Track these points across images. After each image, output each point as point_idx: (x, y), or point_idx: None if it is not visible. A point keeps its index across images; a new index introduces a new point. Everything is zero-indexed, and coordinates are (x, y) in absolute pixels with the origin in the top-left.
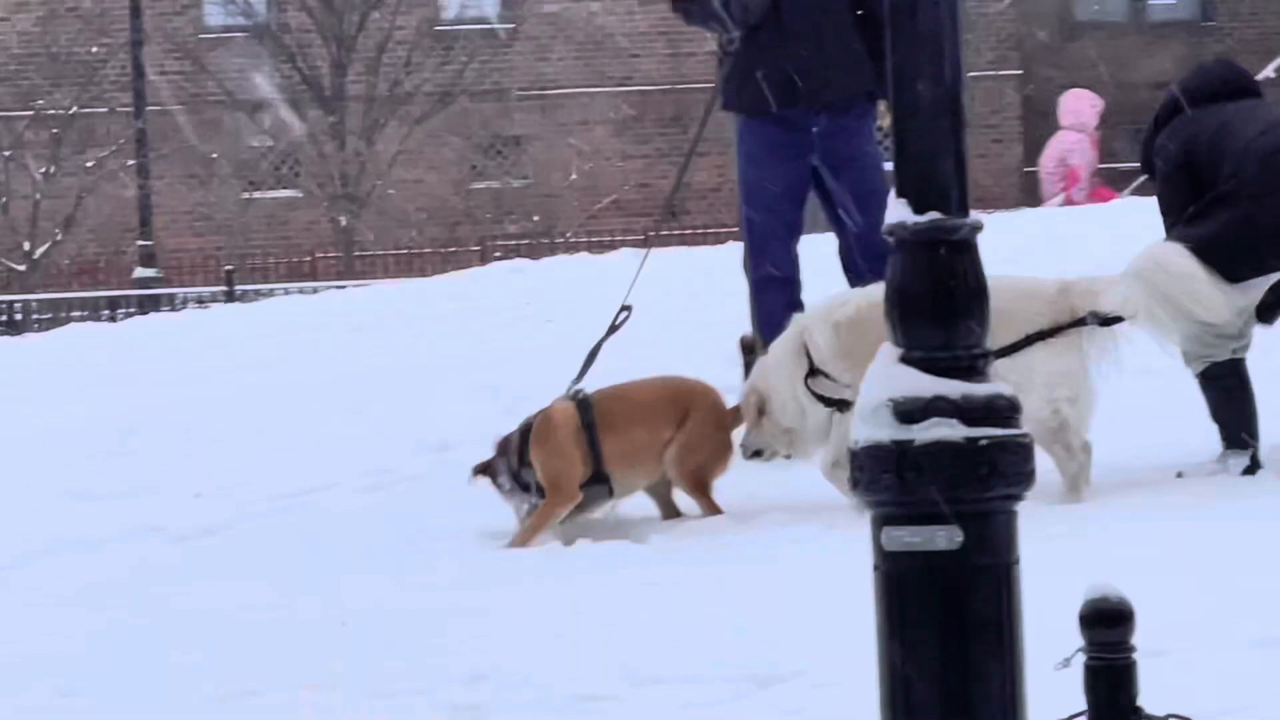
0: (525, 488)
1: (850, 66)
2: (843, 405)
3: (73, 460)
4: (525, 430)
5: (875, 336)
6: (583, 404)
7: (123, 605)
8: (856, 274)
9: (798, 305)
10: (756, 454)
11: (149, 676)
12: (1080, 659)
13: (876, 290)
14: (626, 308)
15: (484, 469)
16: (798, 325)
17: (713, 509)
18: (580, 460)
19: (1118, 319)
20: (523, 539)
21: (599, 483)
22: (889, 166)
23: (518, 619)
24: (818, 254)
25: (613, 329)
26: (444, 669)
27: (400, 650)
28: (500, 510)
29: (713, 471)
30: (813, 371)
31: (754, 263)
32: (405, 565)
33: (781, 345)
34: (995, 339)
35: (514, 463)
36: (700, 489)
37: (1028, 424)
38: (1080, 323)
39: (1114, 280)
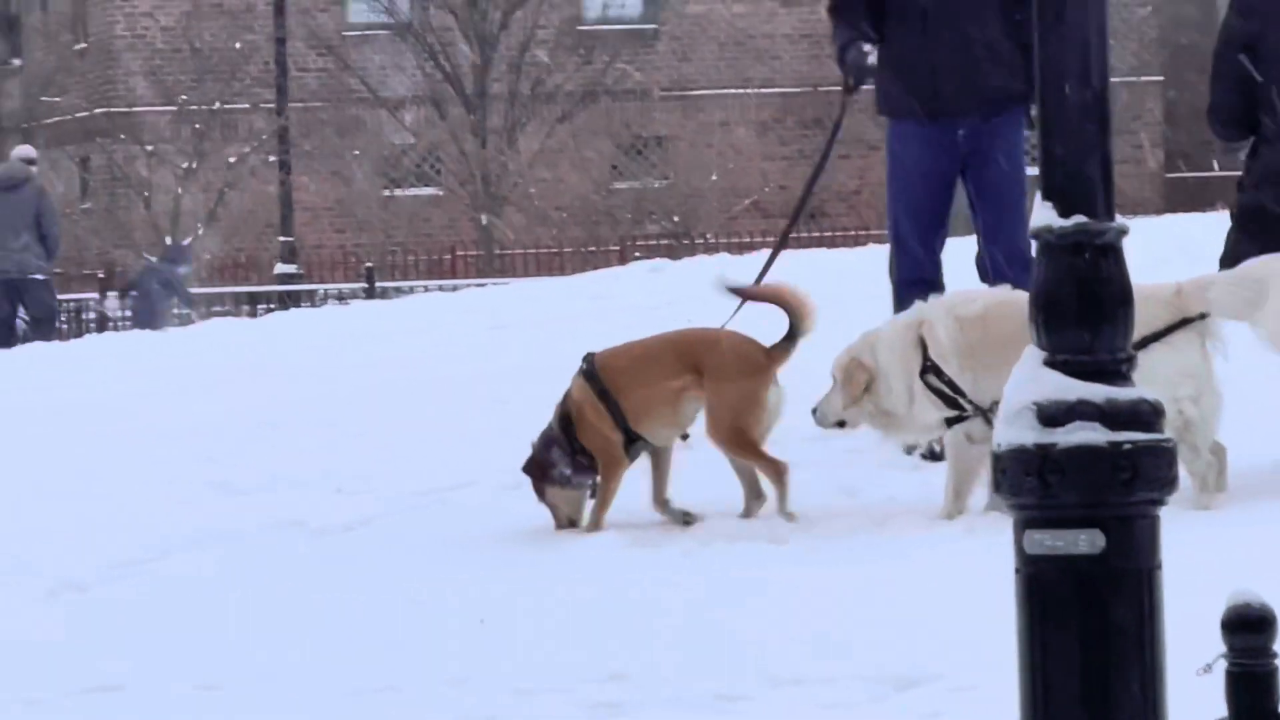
0: (585, 469)
1: (999, 71)
2: (955, 406)
3: (215, 453)
4: (565, 416)
5: (999, 337)
6: (589, 373)
7: (263, 599)
8: (993, 279)
9: None
10: (839, 424)
11: (288, 671)
12: (1221, 665)
13: (1006, 293)
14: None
15: (535, 468)
16: (918, 314)
17: (771, 466)
18: (611, 427)
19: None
20: (595, 521)
21: (635, 441)
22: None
23: (656, 617)
24: (962, 257)
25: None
26: (583, 666)
27: (539, 647)
28: (637, 508)
29: (750, 424)
30: (926, 365)
31: (897, 264)
32: (544, 562)
33: (898, 329)
34: None
35: (567, 449)
36: (746, 447)
37: None
38: (1194, 320)
39: (1224, 279)
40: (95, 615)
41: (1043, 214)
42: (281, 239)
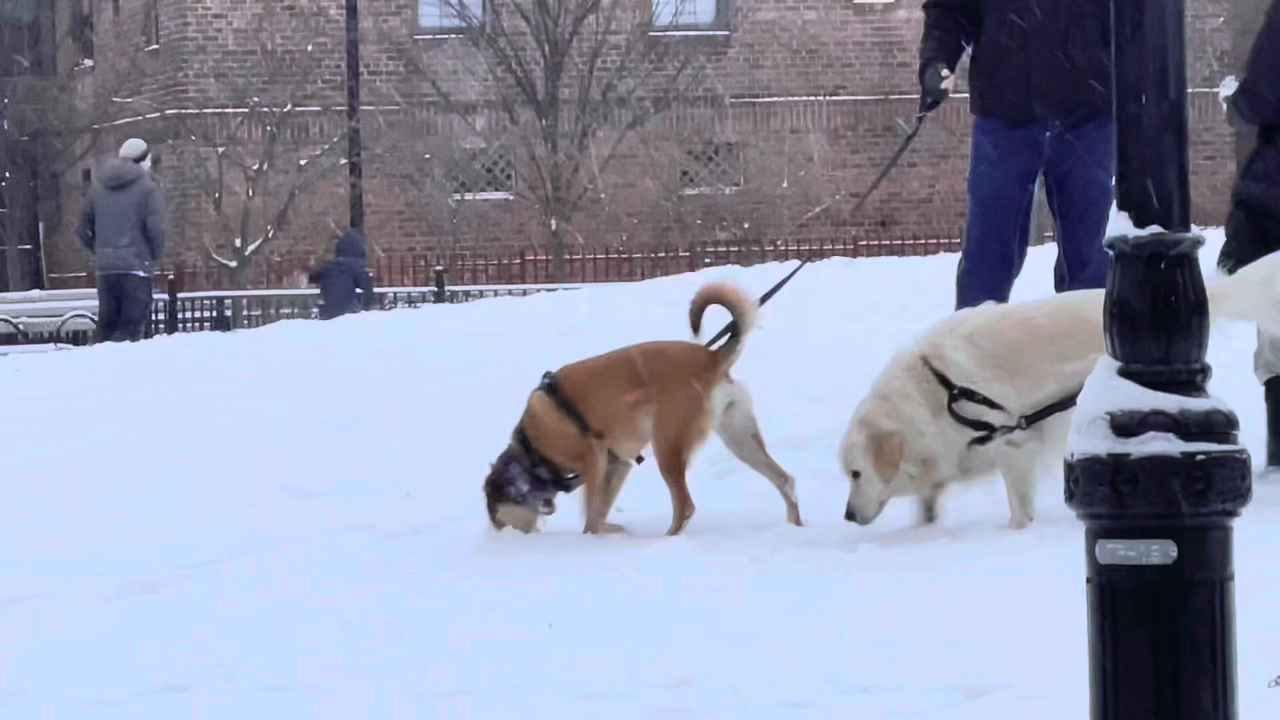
0: (544, 484)
1: (1092, 77)
2: (983, 428)
3: (286, 457)
4: (521, 433)
5: (1012, 339)
6: (550, 387)
7: (330, 603)
8: (1065, 285)
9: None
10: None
11: (354, 674)
12: None
13: (989, 307)
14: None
15: (493, 489)
16: (913, 355)
17: (682, 502)
18: (578, 432)
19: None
20: (591, 522)
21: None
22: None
23: (723, 624)
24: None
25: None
26: (649, 673)
27: (606, 653)
28: (704, 513)
29: (689, 444)
30: (955, 395)
31: (967, 254)
32: (611, 567)
33: (902, 379)
34: None
35: (526, 464)
36: (673, 470)
37: None
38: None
39: (1233, 284)
40: (164, 616)
41: (1118, 224)
42: None
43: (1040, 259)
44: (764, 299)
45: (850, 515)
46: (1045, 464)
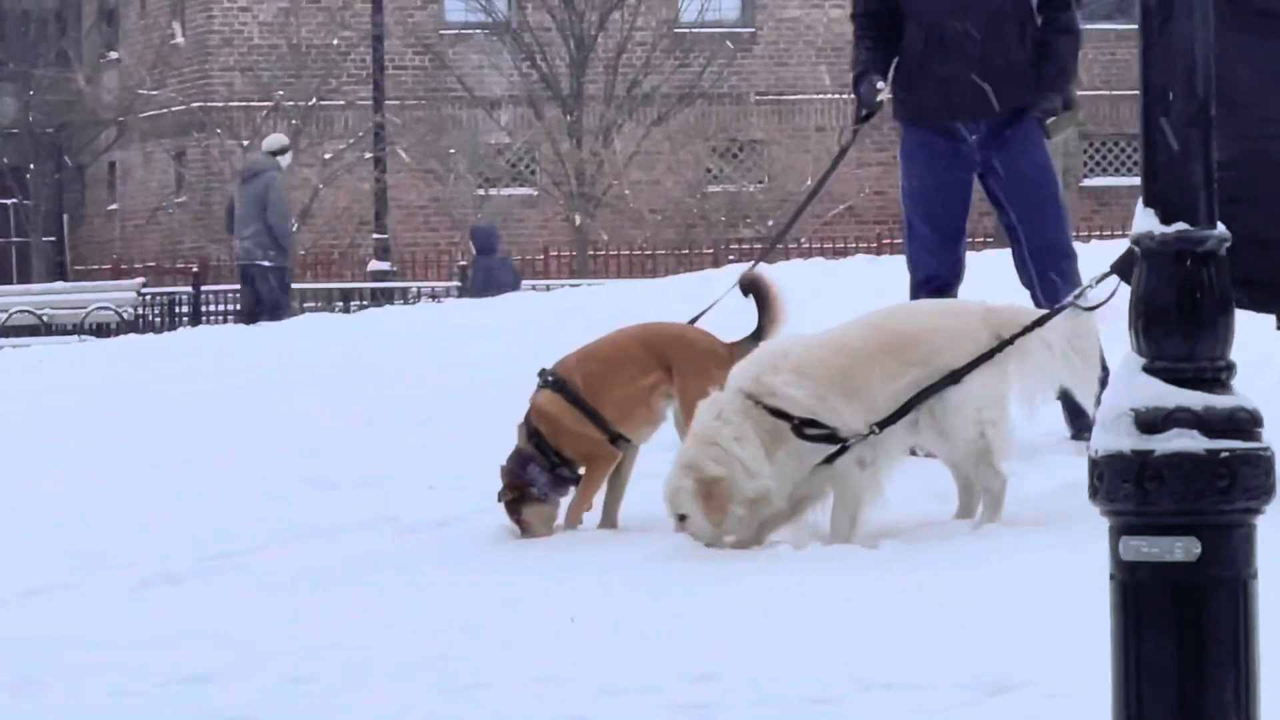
0: (565, 482)
1: (1008, 75)
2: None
3: (310, 449)
4: (535, 432)
5: (840, 366)
6: (558, 384)
7: (354, 595)
8: (1036, 279)
9: None
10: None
11: (379, 666)
12: None
13: (802, 337)
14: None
15: (514, 490)
16: (740, 397)
17: None
18: (594, 429)
19: None
20: (573, 513)
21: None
22: (1103, 181)
23: (746, 619)
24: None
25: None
26: (672, 667)
27: (628, 647)
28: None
29: None
30: (797, 424)
31: (911, 268)
32: (634, 562)
33: (731, 421)
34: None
35: (545, 464)
36: None
37: None
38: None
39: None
40: (188, 607)
41: (1144, 221)
42: (376, 236)
43: (983, 265)
44: (694, 320)
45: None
46: (878, 486)
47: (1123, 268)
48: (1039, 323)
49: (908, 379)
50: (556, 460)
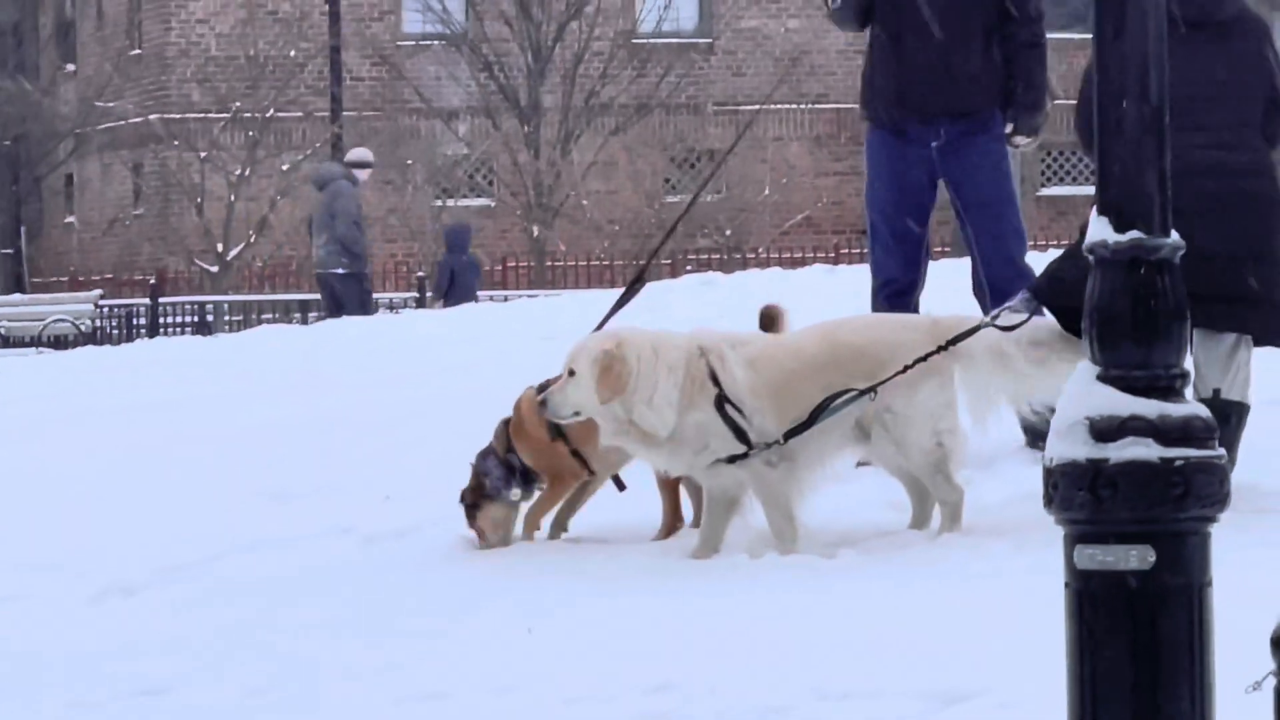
0: (515, 477)
1: (970, 81)
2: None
3: (266, 460)
4: (504, 424)
5: (789, 369)
6: (541, 387)
7: (311, 606)
8: (989, 291)
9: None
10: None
11: (335, 677)
12: (1271, 682)
13: (763, 335)
14: (639, 279)
15: (475, 492)
16: (695, 345)
17: (672, 513)
18: (553, 443)
19: None
20: (530, 521)
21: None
22: (1067, 190)
23: (704, 629)
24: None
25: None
26: (630, 676)
27: (586, 657)
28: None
29: None
30: (721, 397)
31: (873, 271)
32: (592, 572)
33: (677, 349)
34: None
35: (504, 457)
36: (669, 481)
37: None
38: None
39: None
40: (144, 619)
41: (1099, 229)
42: None
43: (945, 272)
44: (606, 317)
45: (541, 402)
46: (799, 485)
47: (1039, 292)
48: (968, 333)
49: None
50: (519, 464)
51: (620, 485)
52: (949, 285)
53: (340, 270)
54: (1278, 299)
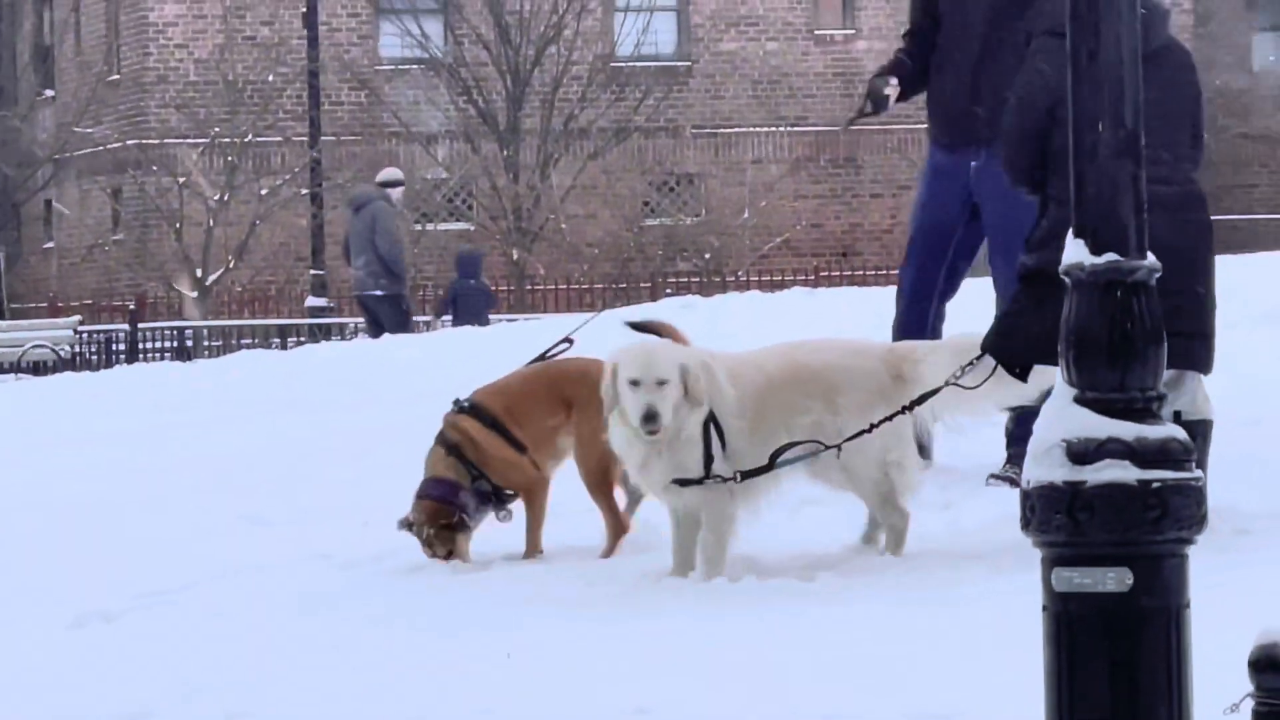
0: (489, 499)
1: (999, 107)
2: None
3: (244, 485)
4: (453, 448)
5: (756, 385)
6: (474, 409)
7: (290, 631)
8: None
9: (931, 325)
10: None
11: (316, 702)
12: (1249, 704)
13: (731, 352)
14: (568, 340)
15: (439, 526)
16: (694, 360)
17: (615, 521)
18: (516, 453)
19: None
20: (531, 545)
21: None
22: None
23: (682, 652)
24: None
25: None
26: (609, 701)
27: (565, 680)
28: (663, 543)
29: (615, 465)
30: (710, 417)
31: (902, 277)
32: (570, 597)
33: (686, 360)
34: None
35: (471, 487)
36: (603, 489)
37: None
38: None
39: (941, 349)
40: (122, 645)
41: (1074, 251)
42: (313, 272)
43: (968, 292)
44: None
45: (647, 418)
46: (747, 512)
47: (991, 348)
48: (928, 396)
49: (808, 417)
50: (477, 473)
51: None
52: (971, 304)
53: (379, 292)
54: (1209, 331)
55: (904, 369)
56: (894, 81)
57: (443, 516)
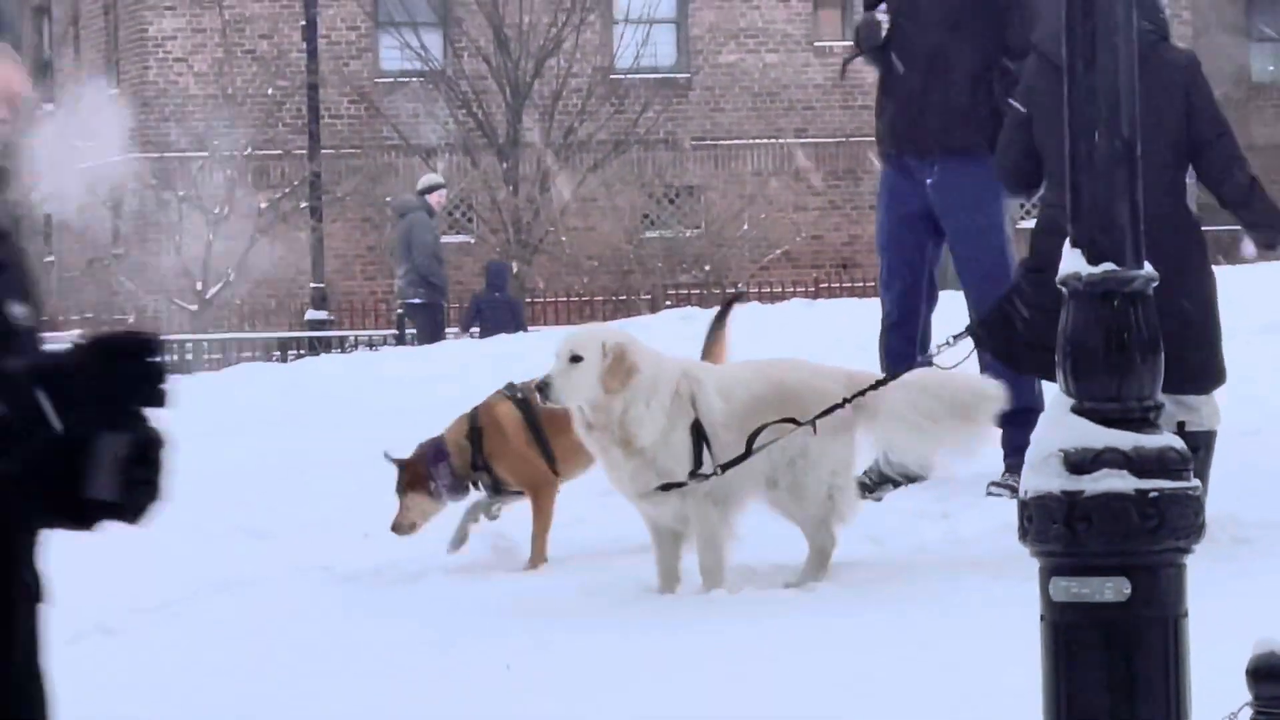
0: (466, 489)
1: (958, 125)
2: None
3: (244, 498)
4: (474, 431)
5: (741, 403)
6: (522, 402)
7: (290, 644)
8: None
9: (916, 347)
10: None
11: (315, 713)
12: (1247, 713)
13: (716, 367)
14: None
15: (411, 481)
16: (680, 371)
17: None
18: (538, 454)
19: None
20: (537, 553)
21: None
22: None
23: (682, 663)
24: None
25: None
26: (609, 711)
27: (565, 692)
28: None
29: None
30: (697, 424)
31: (882, 302)
32: (569, 609)
33: (670, 364)
34: None
35: (457, 465)
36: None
37: None
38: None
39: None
40: (123, 658)
41: (1071, 261)
42: (312, 285)
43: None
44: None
45: (542, 387)
46: (731, 525)
47: (975, 331)
48: (879, 384)
49: (794, 440)
50: (476, 466)
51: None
52: (944, 317)
53: (416, 300)
54: (1188, 353)
55: (866, 397)
56: (880, 14)
57: (418, 472)
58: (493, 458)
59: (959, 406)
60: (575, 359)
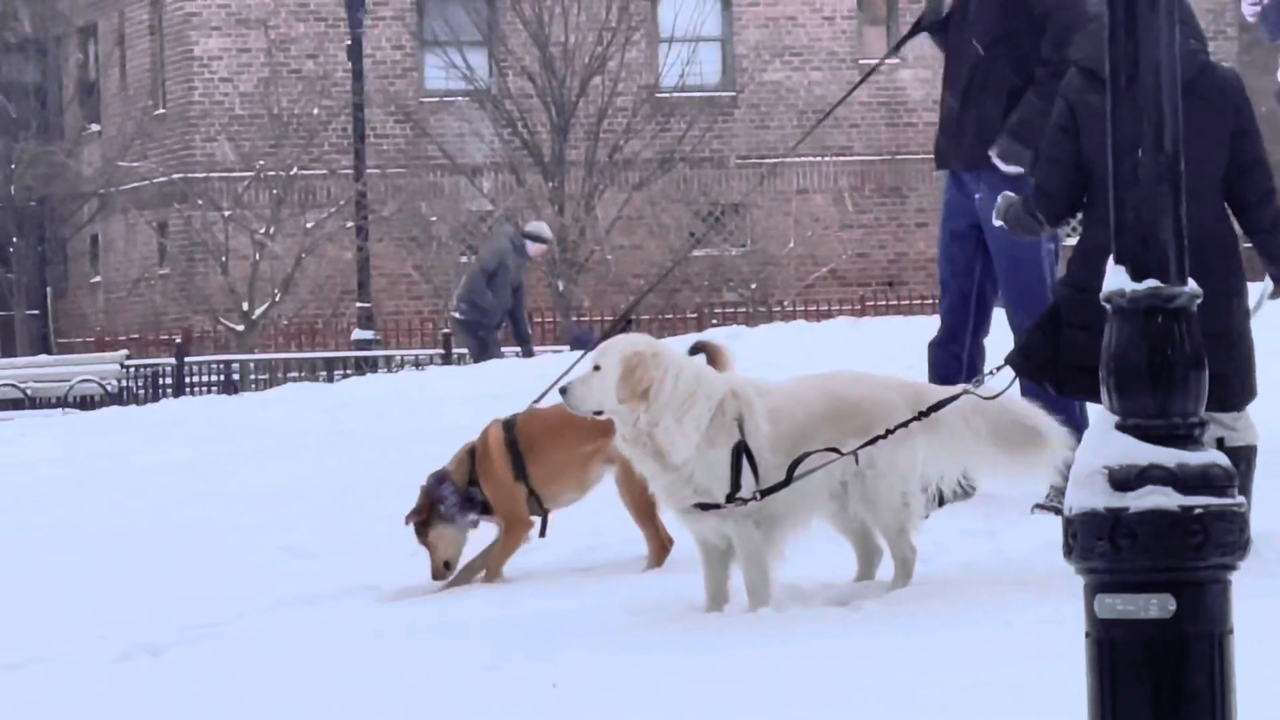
0: (473, 506)
1: (986, 134)
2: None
3: (290, 518)
4: (471, 451)
5: (799, 422)
6: (508, 424)
7: (334, 663)
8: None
9: (961, 364)
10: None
11: None
12: None
13: (779, 385)
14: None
15: (423, 520)
16: (730, 386)
17: (659, 541)
18: (516, 484)
19: None
20: (492, 570)
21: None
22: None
23: (729, 680)
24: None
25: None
26: None
27: (610, 710)
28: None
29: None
30: (741, 444)
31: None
32: (612, 626)
33: (713, 381)
34: None
35: (457, 482)
36: (647, 515)
37: None
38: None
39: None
40: (169, 678)
41: (1115, 278)
42: (359, 305)
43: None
44: (543, 394)
45: (562, 390)
46: (780, 545)
47: (1015, 360)
48: (937, 406)
49: (845, 449)
50: (471, 482)
51: (542, 530)
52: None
53: (457, 315)
54: (1231, 373)
55: (924, 403)
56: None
57: (423, 502)
58: (480, 479)
59: (1019, 436)
60: (597, 368)
